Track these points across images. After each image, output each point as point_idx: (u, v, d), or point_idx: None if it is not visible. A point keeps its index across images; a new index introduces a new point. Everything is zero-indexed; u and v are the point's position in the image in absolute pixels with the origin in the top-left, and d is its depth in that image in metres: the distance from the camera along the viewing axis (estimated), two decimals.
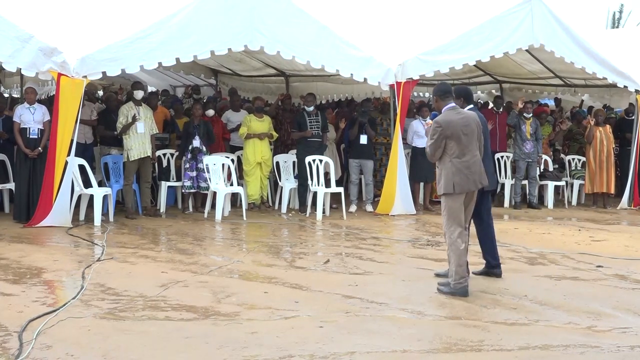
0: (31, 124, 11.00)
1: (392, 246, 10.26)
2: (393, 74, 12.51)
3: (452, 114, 7.43)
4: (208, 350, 5.58)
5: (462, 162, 7.31)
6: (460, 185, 7.32)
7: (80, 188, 11.11)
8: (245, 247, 10.03)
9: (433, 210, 13.19)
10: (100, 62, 10.62)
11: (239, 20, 11.37)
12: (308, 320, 6.44)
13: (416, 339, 5.98)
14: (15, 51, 10.28)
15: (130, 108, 11.76)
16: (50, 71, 10.45)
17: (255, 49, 11.94)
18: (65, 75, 10.41)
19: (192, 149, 12.14)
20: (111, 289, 7.28)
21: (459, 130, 7.30)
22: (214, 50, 11.53)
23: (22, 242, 9.67)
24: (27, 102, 11.20)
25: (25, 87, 11.89)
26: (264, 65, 16.35)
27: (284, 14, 11.77)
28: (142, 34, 10.83)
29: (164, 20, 11.01)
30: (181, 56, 11.21)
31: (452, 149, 7.31)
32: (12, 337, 5.69)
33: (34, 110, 11.08)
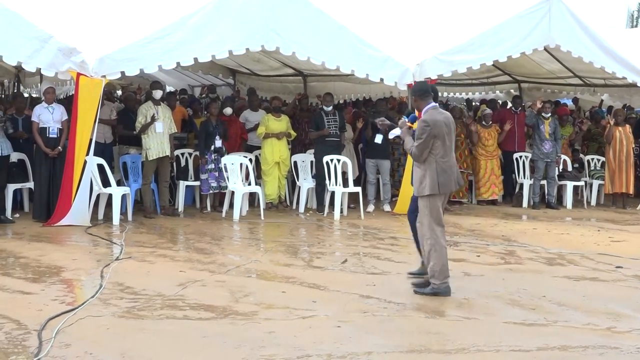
0: (50, 124, 11.06)
1: (410, 246, 10.15)
2: (411, 74, 12.47)
3: (436, 113, 7.39)
4: (226, 350, 5.60)
5: (445, 162, 7.30)
6: (445, 185, 7.30)
7: (99, 187, 11.16)
8: (263, 247, 10.05)
9: (451, 210, 13.14)
10: (119, 62, 10.67)
11: (256, 21, 11.38)
12: (325, 320, 6.45)
13: (434, 339, 5.97)
14: (34, 51, 10.33)
15: (149, 107, 11.81)
16: (69, 71, 10.51)
17: (272, 49, 11.96)
18: (84, 75, 10.46)
19: (216, 149, 12.17)
20: (130, 288, 7.31)
21: (444, 130, 7.30)
22: (232, 50, 11.56)
23: (42, 241, 9.73)
24: (45, 101, 11.26)
25: (44, 87, 11.96)
26: (281, 65, 16.36)
27: (302, 14, 11.77)
28: (160, 34, 10.86)
29: (182, 20, 11.04)
30: (199, 56, 11.23)
31: (437, 149, 7.26)
32: (31, 336, 5.73)
33: (53, 110, 11.14)
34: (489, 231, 11.37)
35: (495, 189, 14.23)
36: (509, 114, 14.81)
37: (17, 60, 10.49)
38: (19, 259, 8.63)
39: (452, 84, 18.92)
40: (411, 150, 7.37)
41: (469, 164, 14.05)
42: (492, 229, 11.54)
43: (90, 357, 5.36)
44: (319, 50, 12.00)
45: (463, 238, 10.72)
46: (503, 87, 19.12)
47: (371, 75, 12.27)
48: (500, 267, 8.88)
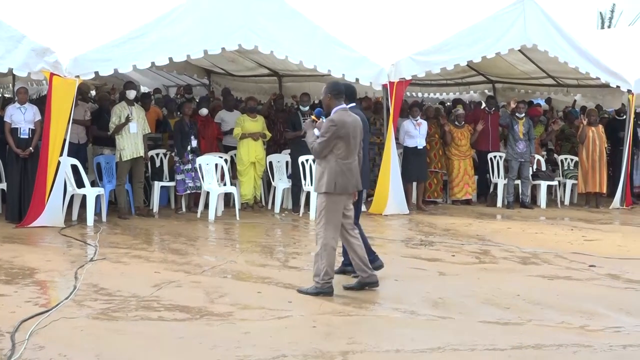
0: (22, 124, 10.96)
1: (385, 246, 10.25)
2: (386, 74, 12.52)
3: (345, 115, 7.41)
4: (201, 351, 5.58)
5: (345, 164, 7.30)
6: (342, 185, 7.29)
7: (73, 188, 11.08)
8: (239, 247, 10.03)
9: (426, 210, 13.22)
10: (93, 62, 10.60)
11: (232, 20, 11.35)
12: (301, 320, 6.45)
13: (409, 339, 5.99)
14: (6, 51, 10.26)
15: (123, 108, 11.74)
16: (42, 71, 10.43)
17: (250, 48, 11.94)
18: (58, 75, 10.38)
19: (192, 149, 12.13)
20: (104, 289, 7.27)
21: (350, 133, 7.32)
22: (208, 50, 11.52)
23: (15, 242, 9.64)
24: (18, 102, 11.17)
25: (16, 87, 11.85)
26: (257, 65, 16.34)
27: (278, 13, 11.76)
28: (135, 34, 10.80)
29: (157, 20, 10.99)
30: (174, 56, 11.18)
31: (339, 149, 7.28)
32: (4, 338, 5.67)
33: (25, 110, 11.04)
34: (464, 231, 11.42)
35: (468, 188, 14.30)
36: (483, 114, 14.88)
37: None
38: None
39: (426, 84, 18.99)
40: (312, 145, 7.38)
41: (443, 164, 14.11)
42: (466, 229, 11.60)
43: (64, 359, 5.32)
44: (296, 49, 12.00)
45: (438, 238, 10.76)
46: (477, 87, 19.20)
47: (347, 75, 12.27)
48: (475, 267, 8.92)
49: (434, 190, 14.09)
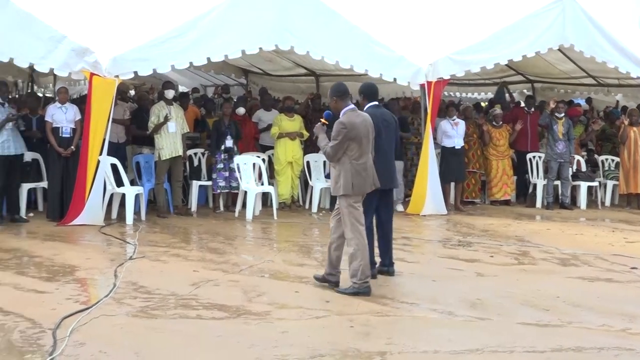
0: (63, 123, 11.10)
1: (423, 246, 10.22)
2: (423, 74, 12.47)
3: (354, 115, 7.40)
4: (239, 349, 5.60)
5: (360, 165, 7.32)
6: (359, 186, 7.33)
7: (112, 187, 11.19)
8: (276, 247, 10.05)
9: (464, 211, 13.14)
10: (132, 62, 10.71)
11: (269, 20, 11.38)
12: (339, 320, 6.44)
13: (447, 340, 5.96)
14: (48, 52, 10.37)
15: (162, 107, 11.83)
16: (82, 71, 10.55)
17: (286, 48, 11.97)
18: (98, 75, 10.50)
19: (226, 149, 12.18)
20: (143, 288, 7.32)
21: (361, 133, 7.32)
22: (245, 50, 11.56)
23: (55, 240, 9.77)
24: (59, 101, 11.31)
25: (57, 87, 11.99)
26: (294, 65, 16.37)
27: (315, 13, 11.76)
28: (173, 34, 10.89)
29: (195, 19, 11.06)
30: (212, 56, 11.25)
31: (352, 150, 7.29)
32: (46, 334, 5.75)
33: (66, 110, 11.18)
34: (503, 231, 11.33)
35: (507, 189, 14.19)
36: (522, 114, 14.76)
37: (29, 61, 10.53)
38: (33, 258, 8.67)
39: (464, 84, 18.90)
40: (325, 149, 7.40)
41: (482, 164, 14.01)
42: (505, 229, 11.51)
43: (104, 356, 5.37)
44: (333, 49, 11.99)
45: (476, 238, 10.69)
46: (516, 87, 19.07)
47: (384, 75, 12.26)
48: (514, 268, 8.85)
49: (472, 190, 13.99)
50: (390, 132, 8.03)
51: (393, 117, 8.24)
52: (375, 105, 8.07)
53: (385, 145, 7.94)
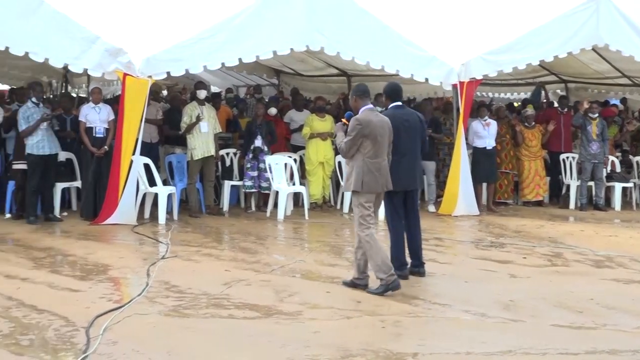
0: (97, 123, 11.20)
1: (455, 247, 10.17)
2: (456, 74, 12.42)
3: (371, 114, 7.44)
4: (271, 349, 5.61)
5: (373, 163, 7.33)
6: (369, 185, 7.32)
7: (145, 187, 11.27)
8: (308, 247, 10.05)
9: (496, 212, 13.06)
10: (164, 62, 10.78)
11: (300, 21, 11.40)
12: (370, 321, 6.42)
13: (479, 341, 5.91)
14: (82, 52, 10.46)
15: (194, 107, 11.89)
16: (116, 71, 10.63)
17: (316, 49, 11.99)
18: (131, 75, 10.59)
19: (254, 149, 12.21)
20: (175, 287, 7.36)
21: (376, 132, 7.33)
22: (276, 51, 11.60)
23: (89, 239, 9.86)
24: (92, 101, 11.40)
25: (91, 87, 12.10)
26: (326, 65, 16.37)
27: (346, 14, 11.76)
28: (205, 35, 10.94)
29: (227, 20, 11.11)
30: (244, 56, 11.29)
31: (366, 148, 7.31)
32: (79, 332, 5.80)
33: (100, 110, 11.27)
34: (536, 233, 11.24)
35: (539, 189, 14.07)
36: (555, 114, 14.64)
37: (63, 62, 10.64)
38: (67, 257, 8.76)
39: (497, 84, 18.78)
40: (340, 145, 7.46)
41: (514, 165, 13.90)
42: (538, 231, 11.41)
43: (136, 354, 5.41)
44: (364, 50, 11.97)
45: (509, 239, 10.61)
46: (549, 87, 18.92)
47: (416, 75, 12.22)
48: (547, 269, 8.76)
49: (505, 191, 13.89)
50: (413, 133, 7.99)
51: (418, 117, 8.19)
52: (398, 105, 8.07)
53: (406, 146, 7.91)
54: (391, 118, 7.72)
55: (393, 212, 8.05)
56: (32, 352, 5.39)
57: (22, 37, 10.15)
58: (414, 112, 8.31)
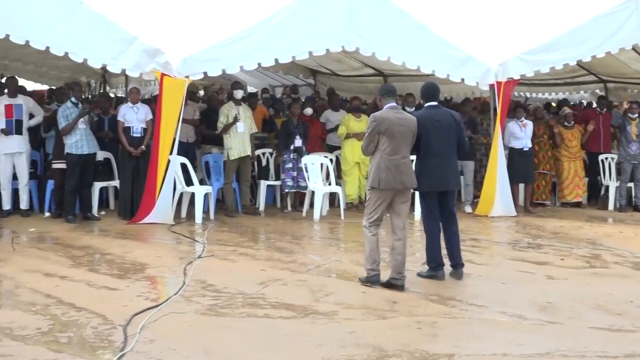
0: (134, 123, 11.29)
1: (492, 248, 10.11)
2: (493, 74, 12.34)
3: (390, 112, 7.55)
4: (306, 348, 5.62)
5: (391, 160, 7.39)
6: (385, 181, 7.39)
7: (182, 186, 11.34)
8: (343, 247, 10.05)
9: (534, 212, 12.94)
10: (201, 63, 10.84)
11: (336, 21, 11.39)
12: (406, 321, 6.41)
13: (517, 343, 5.87)
14: (120, 53, 10.55)
15: (231, 108, 11.94)
16: (153, 71, 10.71)
17: (351, 50, 11.98)
18: (168, 76, 10.66)
19: (295, 149, 12.24)
20: (212, 286, 7.40)
21: (394, 129, 7.41)
22: (312, 51, 11.60)
23: (127, 238, 9.94)
24: (130, 101, 11.50)
25: (129, 87, 12.20)
26: (362, 65, 16.35)
27: (382, 13, 11.73)
28: (242, 35, 10.98)
29: (263, 21, 11.14)
30: (280, 57, 11.31)
31: (384, 145, 7.41)
32: (117, 331, 5.86)
33: (137, 110, 11.36)
34: (574, 234, 11.13)
35: (578, 190, 13.92)
36: (594, 115, 14.48)
37: (102, 62, 10.73)
38: (104, 256, 8.85)
39: (534, 84, 18.63)
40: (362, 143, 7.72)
41: (552, 166, 13.77)
42: (576, 232, 11.30)
43: (173, 353, 5.45)
44: (400, 50, 11.93)
45: (546, 241, 10.52)
46: (588, 87, 18.72)
47: (452, 76, 12.15)
48: (585, 271, 8.67)
49: (542, 192, 13.77)
50: (445, 133, 7.93)
51: (453, 117, 8.10)
52: (432, 105, 8.06)
53: (438, 147, 7.87)
54: (422, 118, 7.78)
55: (427, 213, 8.06)
56: (71, 350, 5.45)
57: (62, 38, 10.27)
58: (448, 112, 8.23)
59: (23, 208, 11.49)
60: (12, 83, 11.92)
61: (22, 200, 11.50)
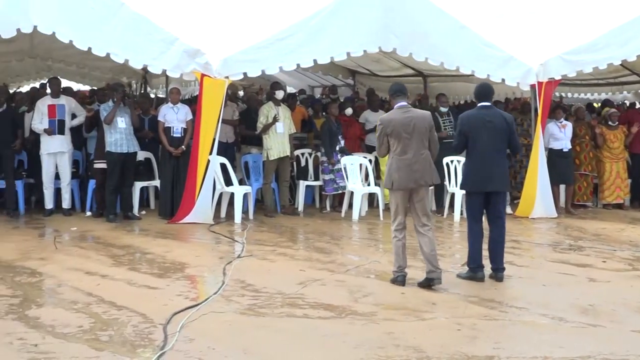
0: (174, 123, 11.37)
1: (532, 250, 10.01)
2: (534, 74, 12.20)
3: (397, 112, 7.61)
4: (345, 349, 5.61)
5: (402, 160, 7.46)
6: (398, 181, 7.47)
7: (221, 186, 11.40)
8: (382, 248, 10.01)
9: (575, 214, 12.80)
10: (241, 63, 10.90)
11: (374, 22, 11.38)
12: (446, 323, 6.37)
13: (557, 346, 5.81)
14: (160, 53, 10.66)
15: (270, 108, 11.98)
16: (194, 72, 10.78)
17: (389, 50, 11.96)
18: (208, 76, 10.72)
19: (341, 149, 12.26)
20: (251, 286, 7.43)
21: (399, 129, 7.47)
22: (350, 52, 11.61)
23: (167, 237, 10.02)
24: (171, 102, 11.58)
25: (170, 88, 12.30)
26: (401, 66, 16.30)
27: (421, 14, 11.68)
28: (281, 36, 11.02)
29: (302, 22, 11.17)
30: (318, 57, 11.34)
31: (393, 145, 7.53)
32: (157, 329, 5.90)
33: (178, 110, 11.45)
34: (616, 236, 10.98)
35: (620, 192, 13.74)
36: (637, 115, 14.28)
37: (143, 63, 10.86)
38: (145, 255, 8.93)
39: (576, 84, 18.42)
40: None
41: (594, 167, 13.61)
42: (618, 234, 11.15)
43: (212, 352, 5.47)
44: (438, 50, 11.87)
45: (588, 243, 10.39)
46: (631, 87, 18.45)
47: (492, 76, 12.04)
48: (628, 274, 8.55)
49: (584, 193, 13.60)
50: (496, 134, 7.87)
51: (504, 118, 8.04)
52: (484, 106, 8.00)
53: (486, 147, 7.82)
54: (472, 117, 7.83)
55: (470, 213, 8.05)
56: (112, 348, 5.50)
57: (104, 39, 10.42)
58: (500, 112, 8.18)
59: (65, 207, 11.65)
60: (55, 84, 12.08)
61: (64, 199, 11.66)
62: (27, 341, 5.60)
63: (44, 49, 14.75)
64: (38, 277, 7.76)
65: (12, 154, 11.56)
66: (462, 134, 7.89)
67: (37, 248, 9.25)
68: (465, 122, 7.90)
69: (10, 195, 11.51)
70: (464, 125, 7.89)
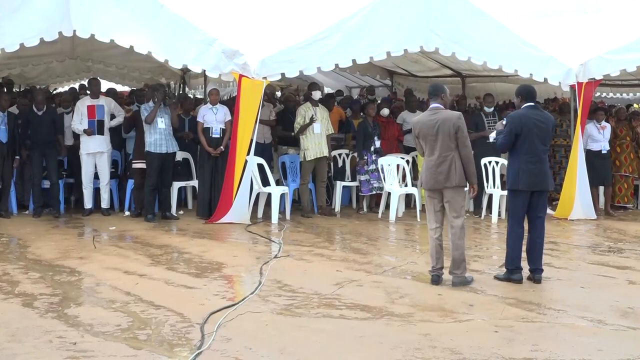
0: (213, 124, 11.43)
1: (571, 251, 9.91)
2: (574, 74, 12.08)
3: (426, 114, 7.84)
4: (381, 350, 5.60)
5: (428, 161, 7.71)
6: (425, 182, 7.73)
7: (259, 186, 11.44)
8: (419, 249, 9.98)
9: (615, 216, 12.66)
10: (279, 64, 10.92)
11: (414, 21, 11.36)
12: (483, 325, 6.33)
13: (596, 349, 5.75)
14: (199, 54, 10.73)
15: (308, 109, 12.00)
16: (232, 73, 10.83)
17: (430, 50, 11.90)
18: (246, 77, 10.77)
19: (376, 150, 12.25)
20: (287, 286, 7.45)
21: (425, 132, 7.68)
22: (390, 52, 11.57)
23: (204, 237, 10.08)
24: (210, 102, 11.64)
25: (208, 88, 12.37)
26: (440, 66, 16.23)
27: (461, 14, 11.63)
28: (319, 36, 11.03)
29: (340, 22, 11.17)
30: (357, 57, 11.33)
31: (423, 147, 7.81)
32: (194, 329, 5.94)
33: (217, 111, 11.50)
34: None
35: None
36: None
37: (182, 63, 10.95)
38: (182, 254, 8.99)
39: (617, 85, 18.20)
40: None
41: (635, 168, 13.43)
42: None
43: (249, 351, 5.49)
44: (480, 50, 11.80)
45: (628, 245, 10.27)
46: None
47: (535, 75, 11.92)
48: None
49: (624, 195, 13.44)
50: (545, 134, 7.87)
51: (550, 119, 8.05)
52: (532, 105, 7.95)
53: (536, 147, 7.78)
54: (524, 117, 7.82)
55: (512, 213, 7.98)
56: (149, 347, 5.55)
57: (145, 39, 10.51)
58: (550, 115, 8.20)
59: (104, 207, 11.78)
60: (95, 84, 12.22)
61: (103, 199, 11.79)
62: (66, 339, 5.67)
63: (84, 51, 14.91)
64: (77, 276, 7.85)
65: (55, 154, 11.70)
66: (512, 133, 7.78)
67: (77, 247, 9.36)
68: (517, 122, 7.79)
69: (55, 196, 11.65)
70: (515, 124, 7.78)
